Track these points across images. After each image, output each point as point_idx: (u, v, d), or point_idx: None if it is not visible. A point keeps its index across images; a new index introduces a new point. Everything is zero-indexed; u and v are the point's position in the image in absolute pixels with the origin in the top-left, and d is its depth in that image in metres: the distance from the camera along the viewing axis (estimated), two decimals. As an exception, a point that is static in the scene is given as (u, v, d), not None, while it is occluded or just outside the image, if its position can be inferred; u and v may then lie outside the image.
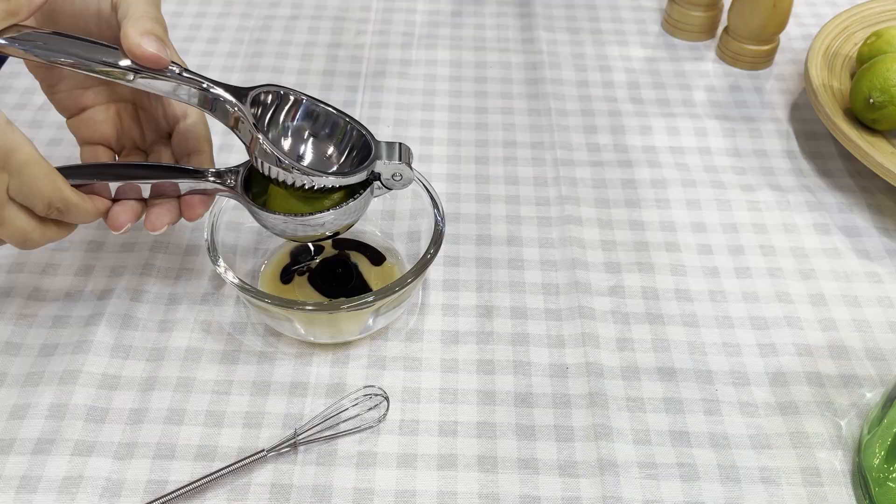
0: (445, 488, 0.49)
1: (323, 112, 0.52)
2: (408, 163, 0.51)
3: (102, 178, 0.49)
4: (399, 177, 0.51)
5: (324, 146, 0.52)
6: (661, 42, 0.84)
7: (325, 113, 0.52)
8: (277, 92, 0.51)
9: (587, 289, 0.60)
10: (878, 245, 0.64)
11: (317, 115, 0.52)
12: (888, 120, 0.67)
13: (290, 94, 0.51)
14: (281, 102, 0.51)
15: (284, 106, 0.51)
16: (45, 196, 0.45)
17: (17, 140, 0.43)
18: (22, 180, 0.44)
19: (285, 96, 0.51)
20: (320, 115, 0.52)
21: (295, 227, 0.50)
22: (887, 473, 0.47)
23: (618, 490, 0.49)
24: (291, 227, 0.50)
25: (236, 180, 0.51)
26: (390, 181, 0.51)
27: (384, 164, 0.50)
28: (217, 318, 0.57)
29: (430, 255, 0.53)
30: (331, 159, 0.52)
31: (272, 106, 0.51)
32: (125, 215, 0.49)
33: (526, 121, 0.74)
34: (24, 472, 0.48)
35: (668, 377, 0.55)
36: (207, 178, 0.50)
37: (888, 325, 0.58)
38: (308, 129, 0.52)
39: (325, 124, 0.52)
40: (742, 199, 0.67)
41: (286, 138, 0.52)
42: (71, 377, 0.53)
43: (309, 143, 0.52)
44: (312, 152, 0.52)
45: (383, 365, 0.55)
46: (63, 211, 0.46)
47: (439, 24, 0.86)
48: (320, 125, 0.52)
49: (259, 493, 0.48)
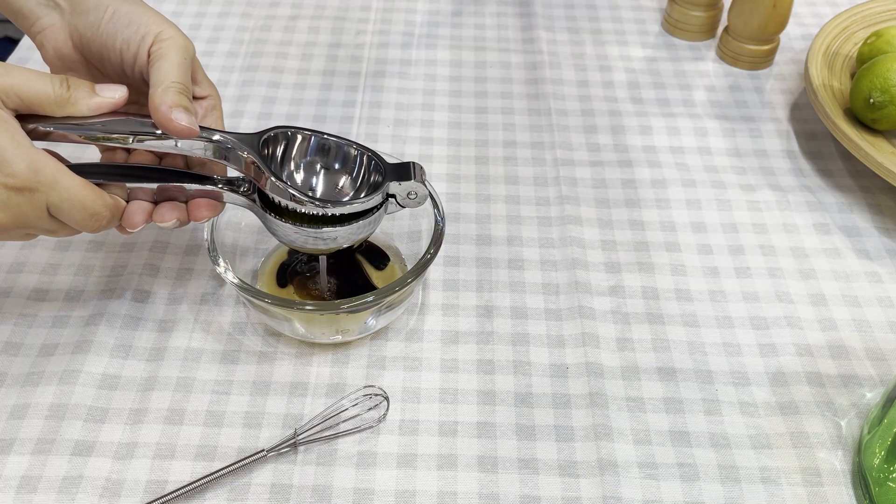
0: (445, 488, 0.49)
1: (333, 144, 0.53)
2: (421, 180, 0.51)
3: (115, 178, 0.48)
4: (414, 195, 0.52)
5: (336, 176, 0.53)
6: (661, 42, 0.84)
7: (336, 145, 0.53)
8: (285, 132, 0.51)
9: (587, 289, 0.60)
10: (878, 245, 0.64)
11: (327, 148, 0.53)
12: (888, 120, 0.67)
13: (297, 133, 0.52)
14: (290, 141, 0.52)
15: (294, 144, 0.52)
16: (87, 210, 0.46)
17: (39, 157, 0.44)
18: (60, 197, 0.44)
19: (293, 136, 0.52)
20: (331, 148, 0.53)
21: (306, 239, 0.50)
22: (887, 473, 0.47)
23: (618, 490, 0.49)
24: (303, 238, 0.50)
25: (250, 188, 0.51)
26: (406, 200, 0.52)
27: (398, 186, 0.51)
28: (217, 318, 0.57)
29: (430, 255, 0.53)
30: (344, 188, 0.53)
31: (282, 145, 0.52)
32: (140, 215, 0.49)
33: (526, 121, 0.74)
34: (24, 472, 0.48)
35: (668, 377, 0.55)
36: (219, 186, 0.50)
37: (888, 325, 0.58)
38: (320, 163, 0.53)
39: (336, 155, 0.53)
40: (742, 199, 0.67)
41: (299, 173, 0.52)
42: (71, 377, 0.53)
43: (321, 176, 0.53)
44: (324, 184, 0.53)
45: (383, 365, 0.55)
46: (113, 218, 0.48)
47: (439, 24, 0.86)
48: (331, 157, 0.53)
49: (259, 493, 0.48)
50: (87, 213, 0.46)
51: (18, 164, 0.43)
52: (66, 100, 0.45)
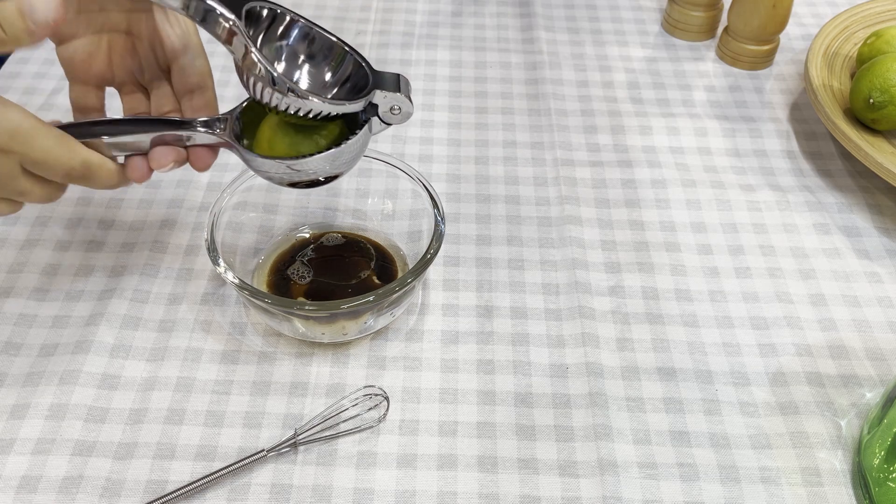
0: (445, 488, 0.49)
1: (320, 36, 0.48)
2: (407, 95, 0.48)
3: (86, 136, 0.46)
4: (398, 110, 0.48)
5: (320, 72, 0.49)
6: (661, 42, 0.84)
7: (322, 37, 0.48)
8: (274, 9, 0.47)
9: (587, 289, 0.60)
10: (878, 245, 0.64)
11: (313, 37, 0.48)
12: (888, 120, 0.67)
13: (286, 13, 0.47)
14: (276, 20, 0.47)
15: (280, 24, 0.48)
16: (62, 164, 0.44)
17: (13, 116, 0.41)
18: (35, 155, 0.42)
19: (281, 14, 0.47)
20: (317, 39, 0.48)
21: (285, 171, 0.47)
22: (887, 473, 0.47)
23: (618, 490, 0.49)
24: (282, 170, 0.47)
25: (226, 127, 0.48)
26: (388, 115, 0.48)
27: (382, 96, 0.47)
28: (217, 318, 0.57)
29: (430, 255, 0.53)
30: (326, 86, 0.49)
31: (266, 22, 0.47)
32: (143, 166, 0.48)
33: (526, 121, 0.74)
34: (24, 472, 0.48)
35: (668, 377, 0.55)
36: (196, 127, 0.48)
37: (888, 325, 0.58)
38: (304, 53, 0.49)
39: (321, 48, 0.49)
40: (742, 199, 0.67)
41: (280, 61, 0.48)
42: (71, 377, 0.53)
43: (304, 68, 0.49)
44: (308, 77, 0.49)
45: (383, 365, 0.55)
46: (86, 175, 0.45)
47: (439, 24, 0.86)
48: (317, 49, 0.49)
49: (259, 493, 0.48)
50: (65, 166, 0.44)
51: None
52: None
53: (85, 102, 0.52)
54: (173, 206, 0.64)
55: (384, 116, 0.48)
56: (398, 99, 0.48)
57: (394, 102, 0.48)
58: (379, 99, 0.47)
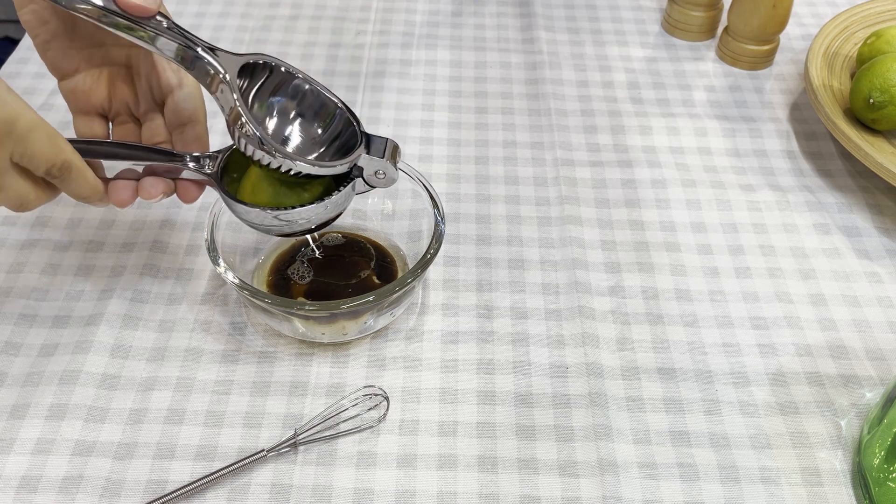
0: (445, 488, 0.49)
1: (314, 93, 0.49)
2: (392, 160, 0.48)
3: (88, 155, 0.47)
4: (382, 174, 0.49)
5: (309, 130, 0.49)
6: (661, 42, 0.84)
7: (316, 94, 0.49)
8: (269, 63, 0.48)
9: (587, 289, 0.60)
10: (878, 245, 0.64)
11: (306, 94, 0.49)
12: (888, 120, 0.67)
13: (281, 66, 0.48)
14: (271, 75, 0.48)
15: (275, 79, 0.48)
16: (47, 159, 0.45)
17: (18, 107, 0.43)
18: (26, 146, 0.43)
19: (276, 68, 0.48)
20: (309, 95, 0.49)
21: (270, 221, 0.48)
22: (887, 473, 0.47)
23: (618, 490, 0.49)
24: (267, 220, 0.48)
25: (215, 165, 0.49)
26: (373, 178, 0.49)
27: (368, 160, 0.48)
28: (217, 318, 0.57)
29: (430, 255, 0.53)
30: (315, 145, 0.50)
31: (261, 77, 0.48)
32: (127, 191, 0.49)
33: (526, 121, 0.74)
34: (24, 472, 0.48)
35: (668, 377, 0.55)
36: (186, 162, 0.48)
37: (888, 325, 0.58)
38: (295, 109, 0.49)
39: (313, 105, 0.49)
40: (742, 199, 0.67)
41: (271, 116, 0.49)
42: (71, 377, 0.53)
43: (294, 125, 0.49)
44: (297, 135, 0.49)
45: (383, 365, 0.55)
46: (64, 175, 0.46)
47: (439, 24, 0.86)
48: (309, 106, 0.49)
49: (259, 493, 0.48)
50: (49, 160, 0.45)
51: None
52: None
53: (91, 132, 0.53)
54: (173, 206, 0.64)
55: (368, 179, 0.49)
56: (383, 165, 0.48)
57: (379, 167, 0.48)
58: (365, 162, 0.48)
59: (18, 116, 0.43)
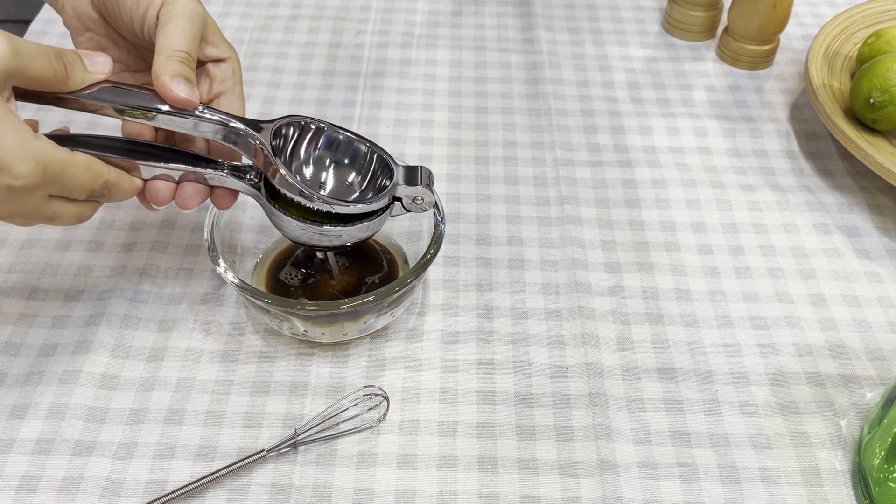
0: (445, 488, 0.49)
1: (344, 139, 0.53)
2: (428, 186, 0.52)
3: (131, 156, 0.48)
4: (420, 200, 0.52)
5: (345, 173, 0.53)
6: (661, 42, 0.84)
7: (347, 140, 0.53)
8: (298, 122, 0.51)
9: (587, 289, 0.60)
10: (878, 245, 0.64)
11: (338, 142, 0.53)
12: (888, 120, 0.67)
13: (311, 123, 0.52)
14: (303, 132, 0.52)
15: (306, 135, 0.52)
16: (86, 189, 0.45)
17: (46, 151, 0.43)
18: (63, 183, 0.44)
19: (307, 126, 0.52)
20: (341, 143, 0.53)
21: (311, 235, 0.50)
22: (887, 473, 0.47)
23: (618, 490, 0.49)
24: (307, 234, 0.50)
25: (257, 178, 0.51)
26: (411, 205, 0.52)
27: (405, 189, 0.51)
28: (217, 318, 0.57)
29: (430, 255, 0.53)
30: (352, 186, 0.53)
31: (294, 136, 0.51)
32: (166, 192, 0.49)
33: (526, 121, 0.74)
34: (24, 472, 0.49)
35: (668, 377, 0.55)
36: (225, 170, 0.50)
37: (888, 325, 0.58)
38: (330, 157, 0.53)
39: (346, 151, 0.53)
40: (742, 199, 0.67)
41: (308, 167, 0.52)
42: (71, 377, 0.53)
43: (331, 171, 0.53)
44: (334, 179, 0.53)
45: (383, 365, 0.55)
46: (105, 193, 0.47)
47: (439, 24, 0.86)
48: (342, 152, 0.53)
49: (259, 493, 0.48)
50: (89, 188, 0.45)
51: (25, 163, 0.41)
52: (65, 78, 0.45)
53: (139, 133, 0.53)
54: (173, 206, 0.64)
55: (408, 206, 0.52)
56: (419, 191, 0.52)
57: (416, 194, 0.52)
58: (402, 192, 0.51)
59: (49, 160, 0.43)
